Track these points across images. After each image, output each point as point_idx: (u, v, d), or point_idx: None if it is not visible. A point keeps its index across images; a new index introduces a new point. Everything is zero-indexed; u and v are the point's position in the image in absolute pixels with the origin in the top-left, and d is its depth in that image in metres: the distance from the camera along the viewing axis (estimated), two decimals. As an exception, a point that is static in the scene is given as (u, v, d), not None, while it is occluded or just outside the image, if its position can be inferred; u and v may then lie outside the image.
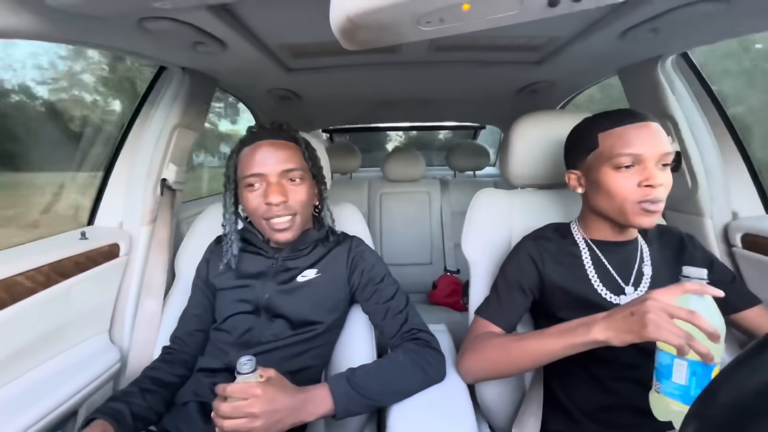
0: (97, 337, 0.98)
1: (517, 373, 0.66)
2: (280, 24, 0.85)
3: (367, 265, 0.82)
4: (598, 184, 0.69)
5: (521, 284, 0.77)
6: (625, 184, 0.66)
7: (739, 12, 0.75)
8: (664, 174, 0.66)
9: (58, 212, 1.27)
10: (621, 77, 1.17)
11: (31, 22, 0.63)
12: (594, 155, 0.70)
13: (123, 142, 1.11)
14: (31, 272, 0.78)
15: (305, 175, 0.78)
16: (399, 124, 2.72)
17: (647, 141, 0.65)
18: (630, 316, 0.53)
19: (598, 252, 0.75)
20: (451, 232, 2.00)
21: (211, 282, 0.84)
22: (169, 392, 0.77)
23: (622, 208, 0.67)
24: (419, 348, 0.74)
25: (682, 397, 0.50)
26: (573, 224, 0.81)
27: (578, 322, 0.60)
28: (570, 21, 0.88)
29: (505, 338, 0.70)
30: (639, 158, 0.65)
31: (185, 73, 1.06)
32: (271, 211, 0.73)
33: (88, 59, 1.45)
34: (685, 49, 1.01)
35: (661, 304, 0.51)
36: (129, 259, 1.05)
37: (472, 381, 0.76)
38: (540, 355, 0.62)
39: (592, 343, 0.57)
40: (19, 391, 0.76)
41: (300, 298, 0.78)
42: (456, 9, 0.43)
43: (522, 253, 0.79)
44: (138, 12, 0.70)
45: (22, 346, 0.77)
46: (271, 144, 0.75)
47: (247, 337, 0.76)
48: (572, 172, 0.76)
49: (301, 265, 0.81)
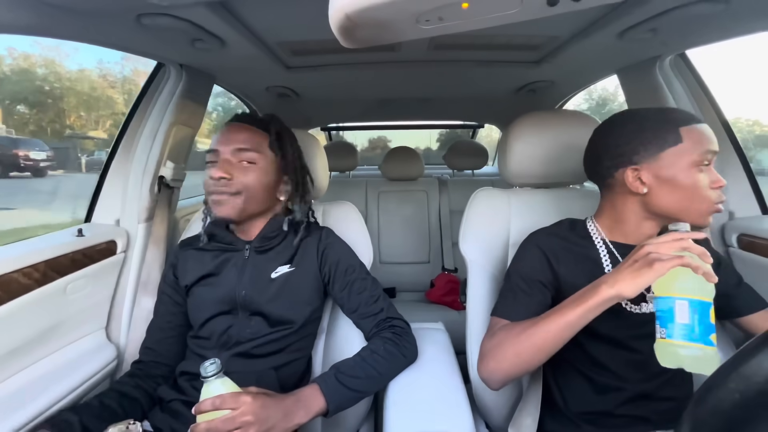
0: (94, 334, 0.98)
1: (545, 358, 0.62)
2: (278, 21, 0.85)
3: (335, 255, 0.83)
4: (675, 183, 0.64)
5: (539, 279, 0.72)
6: (706, 184, 0.63)
7: (737, 13, 0.75)
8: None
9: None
10: (620, 77, 1.17)
11: (29, 17, 0.63)
12: (675, 151, 0.63)
13: (120, 139, 1.10)
14: (28, 269, 0.77)
15: (261, 161, 0.77)
16: (398, 122, 2.72)
17: (715, 141, 0.64)
18: (634, 264, 0.55)
19: (618, 256, 0.70)
20: (450, 230, 2.00)
21: (182, 285, 0.83)
22: (132, 407, 0.74)
23: (700, 208, 0.64)
24: (396, 336, 0.77)
25: (688, 336, 0.51)
26: (589, 223, 0.76)
27: (584, 289, 0.59)
28: (569, 20, 0.88)
29: (522, 328, 0.64)
30: (713, 157, 0.64)
31: (183, 70, 1.05)
32: (213, 186, 0.75)
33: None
34: (684, 50, 1.01)
35: (657, 245, 0.54)
36: (126, 257, 1.04)
37: (501, 385, 0.67)
38: (561, 331, 0.59)
39: (606, 301, 0.56)
40: (15, 388, 0.76)
41: (276, 294, 0.78)
42: (455, 7, 0.43)
43: (535, 248, 0.74)
44: (136, 8, 0.70)
45: (18, 343, 0.77)
46: (236, 126, 0.78)
47: (226, 337, 0.76)
48: (632, 168, 0.66)
49: (275, 261, 0.81)
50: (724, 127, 1.06)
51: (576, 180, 0.95)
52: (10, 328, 0.75)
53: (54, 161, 6.72)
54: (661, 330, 0.54)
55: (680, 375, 0.70)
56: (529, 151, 0.93)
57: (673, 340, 0.52)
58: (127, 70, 11.69)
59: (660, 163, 0.64)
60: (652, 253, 0.54)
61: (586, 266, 0.71)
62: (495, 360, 0.65)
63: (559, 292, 0.72)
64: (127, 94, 11.85)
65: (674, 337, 0.52)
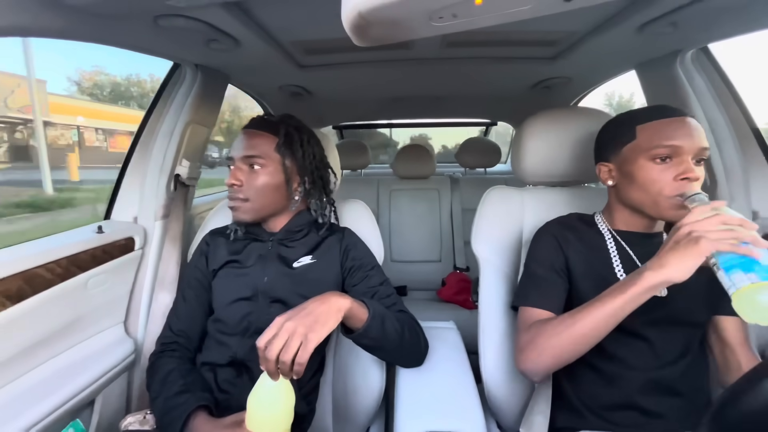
0: (113, 328, 1.01)
1: (587, 350, 0.62)
2: (292, 20, 0.86)
3: (358, 253, 0.85)
4: (633, 176, 0.68)
5: (554, 265, 0.75)
6: (661, 177, 0.65)
7: (760, 5, 0.72)
8: (700, 169, 0.65)
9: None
10: (639, 72, 1.14)
11: (49, 20, 0.65)
12: (630, 147, 0.69)
13: (138, 138, 1.13)
14: (51, 264, 0.80)
15: (269, 164, 0.80)
16: (410, 120, 2.70)
17: (686, 134, 0.64)
18: (677, 245, 0.53)
19: (623, 243, 0.74)
20: (461, 229, 1.99)
21: (210, 271, 0.85)
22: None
23: (656, 201, 0.66)
24: (414, 324, 0.79)
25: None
26: (597, 216, 0.80)
27: (626, 278, 0.58)
28: (586, 15, 0.86)
29: (561, 319, 0.64)
30: (677, 151, 0.64)
31: (198, 70, 1.07)
32: (229, 192, 0.81)
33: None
34: (706, 44, 0.98)
35: (695, 222, 0.53)
36: (143, 253, 1.07)
37: (542, 377, 0.69)
38: (603, 321, 0.59)
39: (651, 288, 0.55)
40: (38, 379, 0.79)
41: (297, 283, 0.79)
42: (469, 4, 0.42)
43: (548, 236, 0.78)
44: (153, 10, 0.71)
45: (42, 336, 0.80)
46: (249, 132, 0.82)
47: (246, 323, 0.77)
48: (604, 164, 0.75)
49: (298, 251, 0.83)
50: (749, 124, 1.03)
51: (591, 178, 0.93)
52: (34, 321, 0.78)
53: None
54: (744, 277, 0.48)
55: (694, 367, 0.69)
56: (543, 148, 0.92)
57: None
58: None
59: (620, 159, 0.71)
60: (694, 231, 0.52)
61: (592, 252, 0.75)
62: (536, 353, 0.66)
63: (572, 276, 0.75)
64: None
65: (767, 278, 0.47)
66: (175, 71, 1.11)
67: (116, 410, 0.96)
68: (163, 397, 0.70)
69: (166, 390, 0.71)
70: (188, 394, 0.69)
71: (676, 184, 0.64)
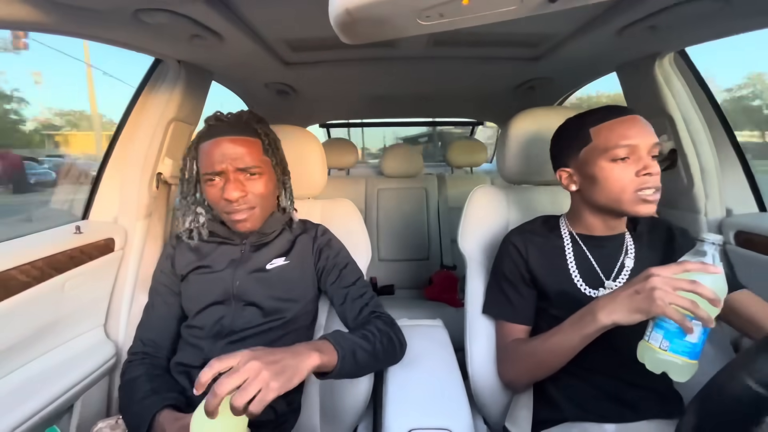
0: (93, 331, 0.98)
1: (559, 367, 0.68)
2: (277, 17, 0.85)
3: (332, 251, 0.84)
4: (594, 178, 0.70)
5: (521, 275, 0.79)
6: (623, 175, 0.67)
7: (736, 10, 0.75)
8: (656, 163, 0.68)
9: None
10: (619, 74, 1.17)
11: (26, 12, 0.62)
12: (587, 150, 0.71)
13: (117, 136, 1.09)
14: (26, 266, 0.77)
15: (265, 169, 0.79)
16: (397, 119, 2.71)
17: (640, 132, 0.67)
18: (635, 295, 0.55)
19: (582, 246, 0.77)
20: (448, 227, 2.00)
21: (178, 275, 0.83)
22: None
23: (620, 198, 0.68)
24: (386, 324, 0.75)
25: (691, 354, 0.52)
26: (562, 219, 0.82)
27: (582, 312, 0.62)
28: (568, 17, 0.88)
29: (531, 344, 0.72)
30: (634, 149, 0.67)
31: (181, 66, 1.05)
32: (230, 206, 0.76)
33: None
34: (683, 47, 1.01)
35: (664, 279, 0.53)
36: (124, 254, 1.04)
37: (524, 389, 0.78)
38: (564, 352, 0.65)
39: (602, 329, 0.59)
40: (13, 385, 0.76)
41: (270, 285, 0.79)
42: (456, 3, 0.42)
43: (510, 247, 0.81)
44: (134, 4, 0.69)
45: (16, 340, 0.77)
46: (230, 141, 0.75)
47: (219, 327, 0.77)
48: (563, 170, 0.76)
49: (270, 253, 0.82)
50: (722, 123, 1.07)
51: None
52: (8, 325, 0.75)
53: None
54: (664, 342, 0.53)
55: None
56: (527, 148, 0.93)
57: (677, 355, 0.52)
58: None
59: (578, 163, 0.73)
60: (657, 289, 0.52)
61: (552, 255, 0.78)
62: (513, 372, 0.77)
63: (535, 283, 0.78)
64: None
65: (679, 353, 0.52)
66: (157, 67, 1.08)
67: (96, 415, 0.94)
68: (130, 401, 0.71)
69: (133, 394, 0.71)
70: (155, 396, 0.69)
71: (637, 180, 0.67)
